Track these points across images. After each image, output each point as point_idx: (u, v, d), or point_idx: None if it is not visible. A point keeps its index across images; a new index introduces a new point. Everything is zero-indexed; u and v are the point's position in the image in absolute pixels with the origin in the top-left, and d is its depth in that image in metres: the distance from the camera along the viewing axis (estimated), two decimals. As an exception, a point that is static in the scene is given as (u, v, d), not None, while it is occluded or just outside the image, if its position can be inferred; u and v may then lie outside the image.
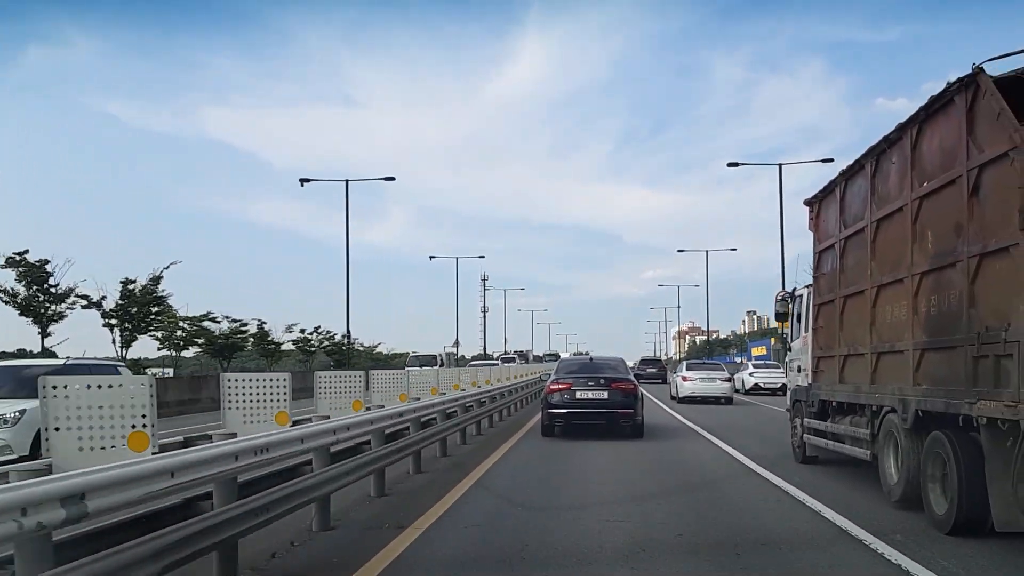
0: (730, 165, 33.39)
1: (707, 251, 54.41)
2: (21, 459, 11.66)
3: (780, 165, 32.35)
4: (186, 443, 5.77)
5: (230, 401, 5.93)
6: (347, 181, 37.03)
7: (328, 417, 7.66)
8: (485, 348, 76.29)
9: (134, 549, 3.74)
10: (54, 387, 4.15)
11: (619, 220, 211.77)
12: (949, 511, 6.50)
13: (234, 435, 5.52)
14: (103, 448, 4.15)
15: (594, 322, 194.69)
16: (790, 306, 12.45)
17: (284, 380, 6.27)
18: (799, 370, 11.63)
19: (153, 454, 4.20)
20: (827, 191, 10.08)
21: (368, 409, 8.85)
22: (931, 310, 6.97)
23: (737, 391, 30.16)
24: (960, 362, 6.32)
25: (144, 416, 4.28)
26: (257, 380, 6.12)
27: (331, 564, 5.83)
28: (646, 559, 5.82)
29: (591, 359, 16.62)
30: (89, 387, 4.21)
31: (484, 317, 78.18)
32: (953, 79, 6.48)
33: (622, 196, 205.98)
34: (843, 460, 9.98)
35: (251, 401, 6.01)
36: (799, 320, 11.88)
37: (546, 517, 7.37)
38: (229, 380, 6.02)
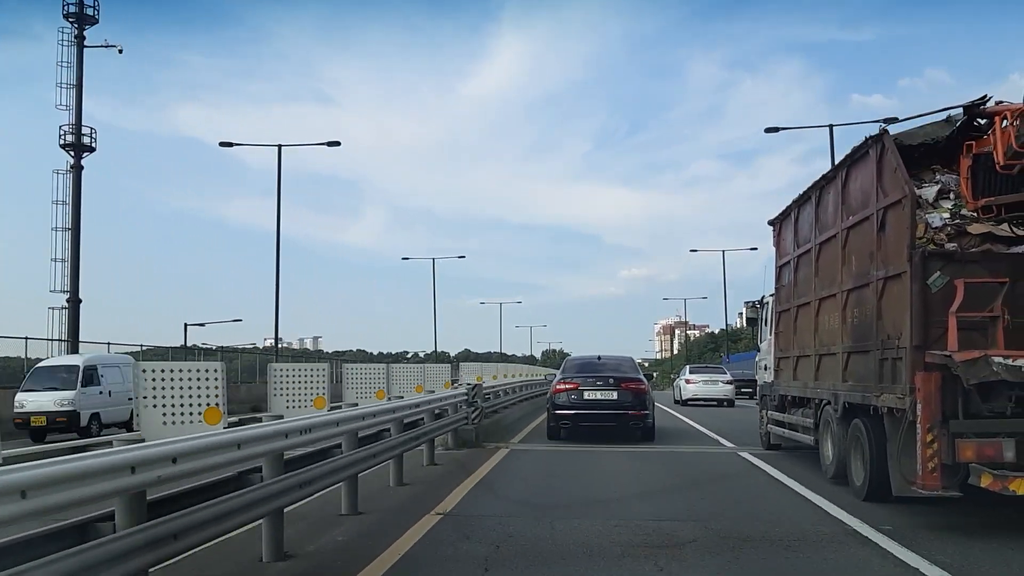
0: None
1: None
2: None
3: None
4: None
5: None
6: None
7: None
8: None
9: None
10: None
11: (597, 220, 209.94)
12: (864, 482, 8.07)
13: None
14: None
15: (573, 322, 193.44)
16: (759, 312, 14.08)
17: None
18: (765, 368, 13.23)
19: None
20: (785, 214, 11.66)
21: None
22: (854, 320, 8.56)
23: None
24: (872, 363, 7.91)
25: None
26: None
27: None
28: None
29: (599, 357, 15.78)
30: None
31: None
32: (868, 136, 8.11)
33: (600, 196, 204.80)
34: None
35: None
36: (766, 324, 13.50)
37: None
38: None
